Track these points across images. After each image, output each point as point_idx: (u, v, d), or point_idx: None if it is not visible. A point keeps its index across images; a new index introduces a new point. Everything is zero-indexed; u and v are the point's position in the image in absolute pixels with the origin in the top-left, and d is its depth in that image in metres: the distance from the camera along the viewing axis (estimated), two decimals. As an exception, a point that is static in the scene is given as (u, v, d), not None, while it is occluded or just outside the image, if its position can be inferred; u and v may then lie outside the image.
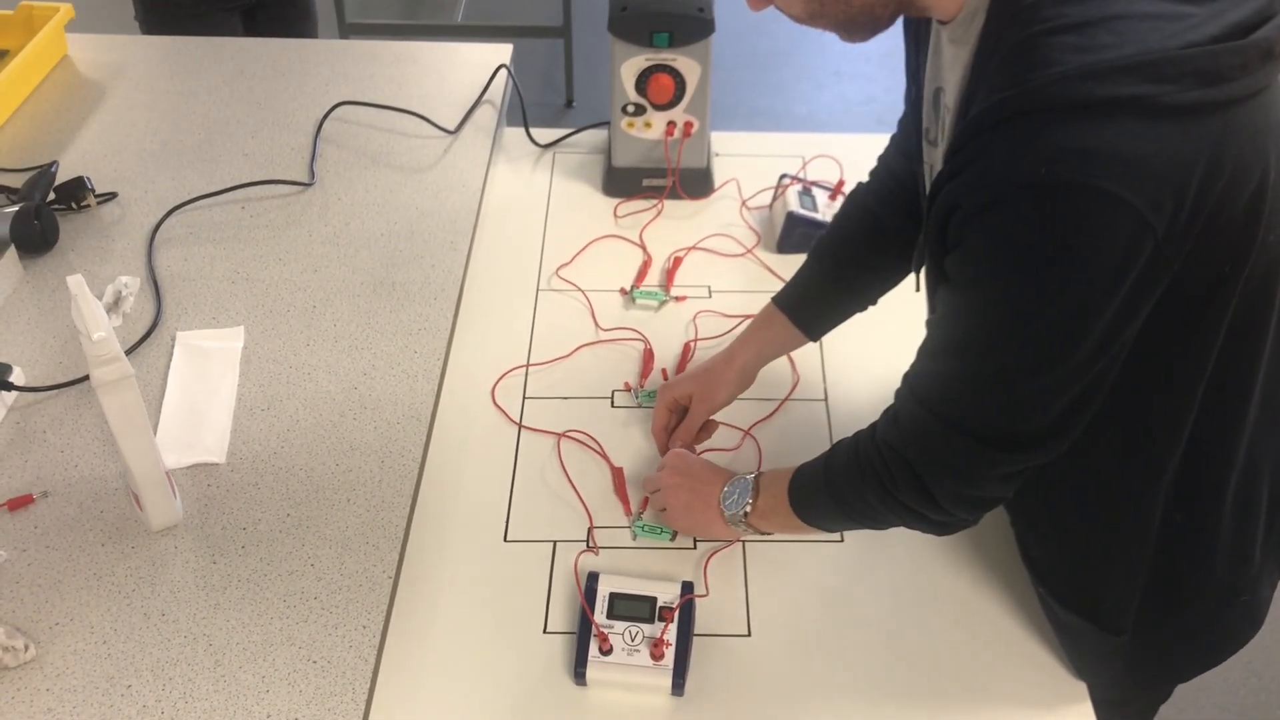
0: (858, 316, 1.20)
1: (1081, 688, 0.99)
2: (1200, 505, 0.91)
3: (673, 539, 1.10)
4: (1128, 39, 0.71)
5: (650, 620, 0.99)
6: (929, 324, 0.89)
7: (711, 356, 1.20)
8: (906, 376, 0.90)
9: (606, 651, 0.96)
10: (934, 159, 0.95)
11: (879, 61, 3.53)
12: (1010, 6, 0.76)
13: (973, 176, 0.75)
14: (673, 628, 0.98)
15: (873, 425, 0.94)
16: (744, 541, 1.09)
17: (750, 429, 1.20)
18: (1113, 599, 0.95)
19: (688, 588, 1.02)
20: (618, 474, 1.15)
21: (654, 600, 1.00)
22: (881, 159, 1.17)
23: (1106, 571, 0.95)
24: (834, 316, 1.19)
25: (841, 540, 1.10)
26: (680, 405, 1.18)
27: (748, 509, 1.02)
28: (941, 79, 0.89)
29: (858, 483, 0.92)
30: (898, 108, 1.10)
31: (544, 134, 1.62)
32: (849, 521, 1.00)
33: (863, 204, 1.15)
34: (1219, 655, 1.01)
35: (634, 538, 1.10)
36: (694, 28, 1.39)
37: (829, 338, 1.29)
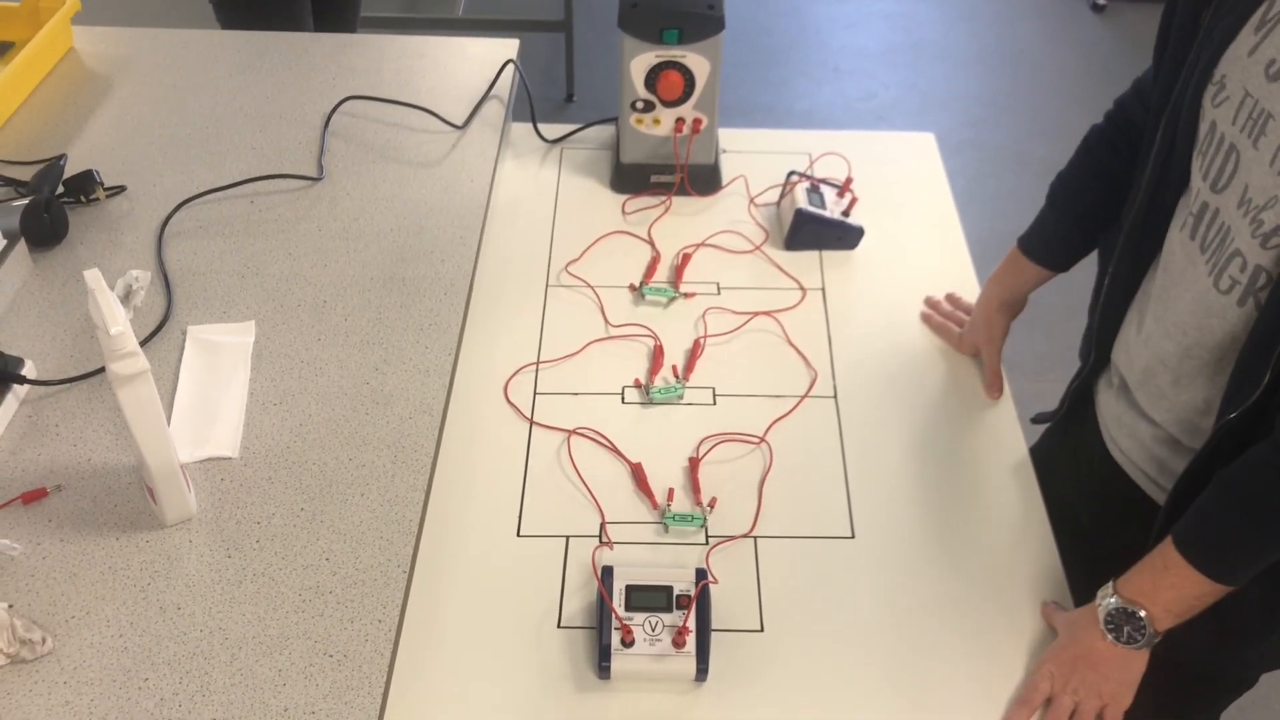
0: (865, 311, 1.20)
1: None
2: None
3: (703, 524, 1.10)
4: None
5: (669, 609, 1.00)
6: None
7: (972, 313, 1.31)
8: None
9: (629, 643, 0.97)
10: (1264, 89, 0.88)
11: (879, 58, 3.53)
12: None
13: None
14: (692, 614, 0.99)
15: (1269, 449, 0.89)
16: (754, 538, 1.10)
17: (769, 428, 1.20)
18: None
19: (701, 574, 1.02)
20: (637, 469, 1.16)
21: (670, 589, 1.01)
22: (1119, 103, 1.18)
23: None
24: (1075, 252, 1.25)
25: (853, 536, 1.11)
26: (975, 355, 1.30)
27: (1154, 634, 0.97)
28: None
29: None
30: (897, 104, 1.12)
31: (551, 129, 1.62)
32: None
33: (1095, 151, 1.20)
34: None
35: (666, 530, 1.10)
36: (704, 25, 1.39)
37: (836, 330, 1.30)
